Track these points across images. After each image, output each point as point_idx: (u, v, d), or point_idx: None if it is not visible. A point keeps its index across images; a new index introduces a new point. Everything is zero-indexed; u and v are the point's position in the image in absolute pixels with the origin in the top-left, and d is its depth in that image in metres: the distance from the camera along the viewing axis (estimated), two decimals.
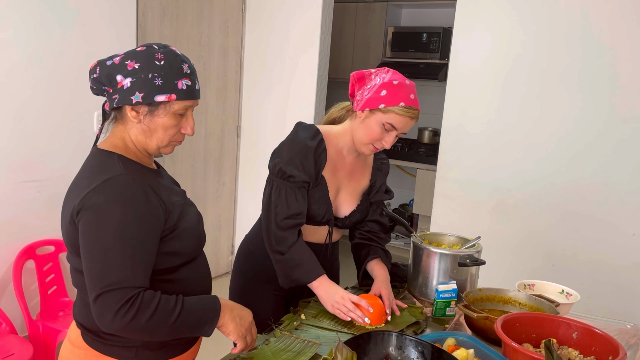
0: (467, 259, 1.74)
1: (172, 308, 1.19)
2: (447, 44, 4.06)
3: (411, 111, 1.59)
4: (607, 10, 2.77)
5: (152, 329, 1.17)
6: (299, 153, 1.64)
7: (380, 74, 1.65)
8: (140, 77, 1.21)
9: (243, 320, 1.32)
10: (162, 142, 1.28)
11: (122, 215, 1.16)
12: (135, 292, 1.15)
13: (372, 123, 1.61)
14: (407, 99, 1.59)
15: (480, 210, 3.20)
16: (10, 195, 2.67)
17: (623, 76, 2.77)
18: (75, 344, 1.31)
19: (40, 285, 2.76)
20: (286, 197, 1.64)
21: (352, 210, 1.78)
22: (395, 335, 1.28)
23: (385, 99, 1.59)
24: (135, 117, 1.24)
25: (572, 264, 2.96)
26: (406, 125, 1.62)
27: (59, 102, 2.80)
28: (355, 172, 1.79)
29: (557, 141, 2.95)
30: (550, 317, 1.45)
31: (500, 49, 3.06)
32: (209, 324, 1.26)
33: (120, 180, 1.19)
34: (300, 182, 1.64)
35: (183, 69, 1.24)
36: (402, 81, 1.61)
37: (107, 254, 1.14)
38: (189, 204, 1.38)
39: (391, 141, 1.63)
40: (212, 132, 3.81)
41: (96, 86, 1.27)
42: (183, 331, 1.23)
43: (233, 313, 1.30)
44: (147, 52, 1.23)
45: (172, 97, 1.22)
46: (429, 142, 4.92)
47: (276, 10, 3.75)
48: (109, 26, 2.97)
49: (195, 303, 1.25)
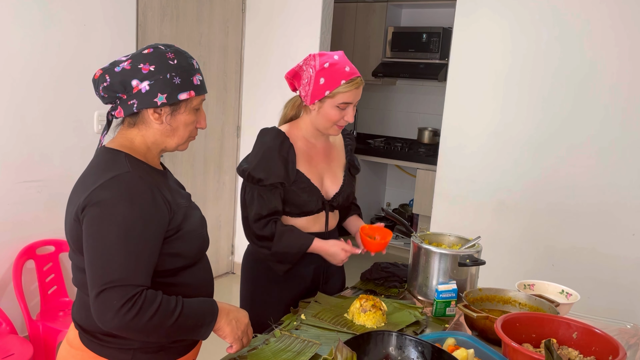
0: (467, 259, 1.75)
1: (172, 309, 1.18)
2: (447, 44, 4.06)
3: (354, 82, 1.66)
4: (607, 11, 2.77)
5: (152, 329, 1.17)
6: (264, 157, 1.72)
7: (309, 63, 1.70)
8: (159, 79, 1.22)
9: (239, 323, 1.33)
10: (182, 139, 1.31)
11: (127, 213, 1.15)
12: (137, 291, 1.14)
13: (327, 109, 1.69)
14: (344, 74, 1.65)
15: (480, 210, 3.20)
16: (10, 195, 2.67)
17: (623, 76, 2.77)
18: (73, 345, 1.31)
19: (40, 285, 2.76)
20: (259, 199, 1.72)
21: (340, 187, 1.84)
22: (395, 335, 1.28)
23: (326, 85, 1.65)
24: (158, 119, 1.25)
25: (572, 264, 2.96)
26: (357, 95, 1.69)
27: (59, 102, 2.80)
28: (330, 153, 1.86)
29: (556, 141, 2.95)
30: (550, 317, 1.45)
31: (500, 49, 3.06)
32: (206, 327, 1.26)
33: (127, 177, 1.19)
34: (269, 185, 1.70)
35: (194, 65, 1.28)
36: (331, 60, 1.66)
37: (110, 251, 1.14)
38: (194, 207, 1.38)
39: (352, 114, 1.70)
40: (212, 132, 3.81)
41: (108, 95, 1.25)
42: (180, 333, 1.23)
43: (229, 316, 1.31)
44: (157, 53, 1.23)
45: (191, 94, 1.26)
46: (429, 142, 4.91)
47: (276, 10, 3.75)
48: (109, 26, 2.97)
49: (194, 306, 1.25)
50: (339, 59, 1.67)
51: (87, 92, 2.86)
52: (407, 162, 4.78)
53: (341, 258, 1.75)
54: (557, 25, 2.89)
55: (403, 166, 5.11)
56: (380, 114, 5.41)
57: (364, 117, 5.45)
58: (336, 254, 1.75)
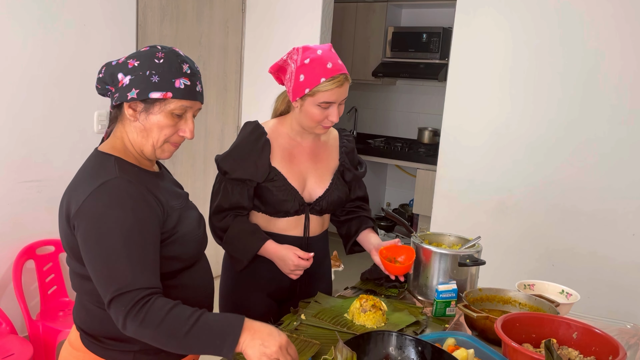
0: (467, 259, 1.74)
1: (186, 318, 1.13)
2: (447, 44, 4.06)
3: (336, 80, 1.55)
4: (611, 9, 2.76)
5: (161, 339, 1.13)
6: (235, 150, 1.68)
7: (292, 57, 1.62)
8: (139, 75, 1.21)
9: (266, 347, 1.14)
10: (157, 142, 1.25)
11: (121, 220, 1.15)
12: (145, 294, 1.13)
13: (309, 108, 1.60)
14: (325, 72, 1.54)
15: (480, 210, 3.20)
16: (10, 195, 2.67)
17: (623, 76, 2.77)
18: (75, 347, 1.31)
19: (40, 285, 2.76)
20: (223, 191, 1.69)
21: (324, 191, 1.73)
22: (395, 335, 1.28)
23: (305, 82, 1.56)
24: (132, 115, 1.24)
25: (572, 264, 2.96)
26: (340, 94, 1.58)
27: (59, 102, 2.80)
28: (319, 154, 1.76)
29: (556, 141, 2.95)
30: (550, 317, 1.45)
31: (500, 48, 3.06)
32: (226, 345, 1.13)
33: (115, 183, 1.18)
34: (235, 180, 1.66)
35: (182, 69, 1.23)
36: (313, 56, 1.56)
37: (112, 260, 1.14)
38: (190, 208, 1.37)
39: (336, 113, 1.60)
40: (212, 132, 3.81)
41: (101, 86, 1.28)
42: (198, 347, 1.14)
43: (254, 337, 1.14)
44: (149, 52, 1.24)
45: (167, 95, 1.21)
46: (429, 142, 4.91)
47: (276, 10, 3.75)
48: (109, 26, 2.97)
49: (216, 319, 1.16)
50: (322, 54, 1.56)
51: (87, 92, 2.86)
52: (407, 162, 4.78)
53: (293, 263, 1.61)
54: (559, 25, 2.88)
55: (403, 166, 5.11)
56: (380, 114, 5.41)
57: (364, 117, 5.45)
58: (286, 257, 1.62)
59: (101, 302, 1.19)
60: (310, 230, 1.75)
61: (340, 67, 1.57)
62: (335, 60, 1.58)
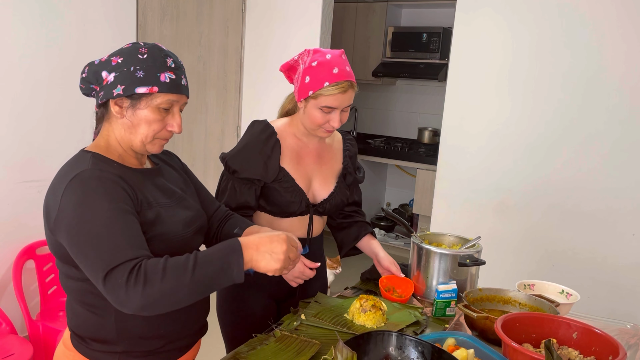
0: (467, 259, 1.74)
1: (183, 263, 1.12)
2: (447, 44, 4.06)
3: (339, 86, 1.55)
4: (613, 9, 2.76)
5: (172, 291, 1.10)
6: (244, 149, 1.67)
7: (302, 58, 1.63)
8: (123, 71, 1.21)
9: (275, 254, 1.19)
10: (146, 137, 1.25)
11: (98, 204, 1.14)
12: (136, 262, 1.11)
13: (311, 110, 1.61)
14: (330, 76, 1.55)
15: (480, 210, 3.20)
16: (10, 195, 2.67)
17: (623, 76, 2.77)
18: (67, 346, 1.32)
19: (40, 285, 2.76)
20: (231, 190, 1.67)
21: (329, 194, 1.75)
22: (395, 335, 1.28)
23: (310, 85, 1.57)
24: (119, 112, 1.23)
25: (572, 264, 2.96)
26: (343, 101, 1.58)
27: (59, 102, 2.81)
28: (323, 156, 1.77)
29: (557, 141, 2.95)
30: (550, 317, 1.45)
31: (500, 48, 3.06)
32: (234, 266, 1.15)
33: (86, 174, 1.17)
34: (244, 179, 1.65)
35: (167, 63, 1.23)
36: (321, 59, 1.56)
37: (97, 242, 1.12)
38: (182, 207, 1.34)
39: (337, 119, 1.60)
40: (212, 132, 3.81)
41: (85, 86, 1.28)
42: (208, 284, 1.14)
43: (260, 250, 1.18)
44: (132, 48, 1.24)
45: (153, 90, 1.21)
46: (429, 142, 4.92)
47: (276, 10, 3.75)
48: (109, 26, 2.97)
49: (212, 252, 1.16)
50: (331, 59, 1.57)
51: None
52: (407, 162, 4.78)
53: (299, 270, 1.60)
54: (558, 25, 2.88)
55: (403, 166, 5.11)
56: (380, 114, 5.41)
57: (364, 117, 5.45)
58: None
59: (85, 301, 1.21)
60: (313, 231, 1.77)
61: (346, 74, 1.57)
62: (343, 66, 1.58)
